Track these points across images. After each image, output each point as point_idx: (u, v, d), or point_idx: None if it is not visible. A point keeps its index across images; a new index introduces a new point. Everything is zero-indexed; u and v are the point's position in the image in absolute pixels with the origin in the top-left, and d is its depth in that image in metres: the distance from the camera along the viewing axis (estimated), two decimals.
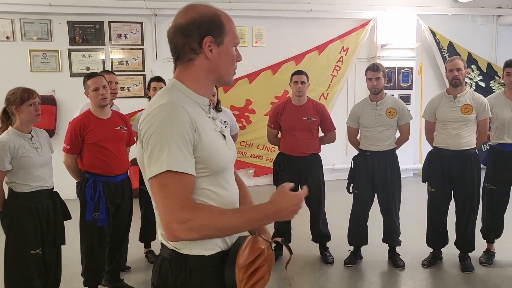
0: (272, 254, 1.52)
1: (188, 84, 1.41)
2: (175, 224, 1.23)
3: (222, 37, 1.39)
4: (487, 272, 3.84)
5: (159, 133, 1.26)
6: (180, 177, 1.26)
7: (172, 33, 1.40)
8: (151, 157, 1.27)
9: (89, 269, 3.34)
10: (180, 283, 1.39)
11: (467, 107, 3.69)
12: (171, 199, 1.24)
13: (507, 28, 7.90)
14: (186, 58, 1.40)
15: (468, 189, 3.77)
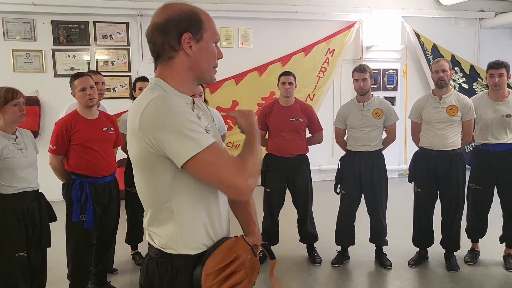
0: (252, 259, 1.48)
1: (170, 82, 1.40)
2: (243, 184, 1.28)
3: (200, 33, 1.40)
4: (472, 271, 3.90)
5: (170, 123, 1.26)
6: (213, 148, 1.28)
7: (151, 32, 1.40)
8: (176, 146, 1.26)
9: (75, 271, 3.28)
10: (166, 283, 1.39)
11: (452, 107, 3.74)
12: (223, 168, 1.28)
13: (489, 31, 8.05)
14: (166, 56, 1.40)
15: (454, 189, 3.82)
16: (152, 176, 1.35)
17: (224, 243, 1.42)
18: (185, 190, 1.36)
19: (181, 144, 1.26)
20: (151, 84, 1.41)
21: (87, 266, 3.33)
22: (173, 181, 1.34)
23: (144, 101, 1.32)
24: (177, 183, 1.34)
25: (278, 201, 4.09)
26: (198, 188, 1.37)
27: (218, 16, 6.65)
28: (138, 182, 1.42)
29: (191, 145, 1.26)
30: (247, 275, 1.45)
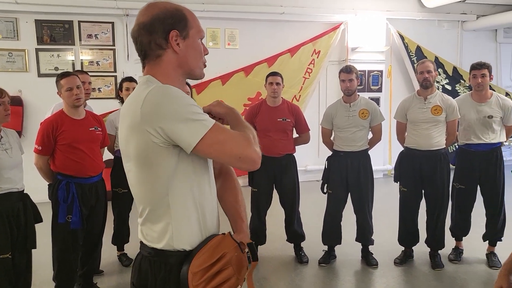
0: (239, 256, 1.48)
1: (160, 79, 1.41)
2: (254, 152, 1.36)
3: (187, 30, 1.42)
4: (456, 268, 3.96)
5: (173, 110, 1.29)
6: (217, 126, 1.33)
7: (137, 32, 1.41)
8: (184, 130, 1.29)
9: (61, 273, 3.24)
10: (160, 281, 1.40)
11: (437, 108, 3.80)
12: (232, 142, 1.34)
13: (471, 33, 8.19)
14: (154, 55, 1.41)
15: (438, 189, 3.88)
16: (153, 170, 1.36)
17: (211, 241, 1.43)
18: (183, 185, 1.38)
19: (189, 128, 1.29)
20: (143, 80, 1.41)
21: (73, 267, 3.28)
22: (173, 175, 1.36)
23: (141, 94, 1.32)
24: (176, 177, 1.36)
25: (265, 201, 4.10)
26: (196, 182, 1.40)
27: (204, 17, 6.64)
28: (136, 178, 1.41)
29: (198, 127, 1.30)
30: (235, 272, 1.45)
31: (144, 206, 1.43)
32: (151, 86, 1.34)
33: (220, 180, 1.60)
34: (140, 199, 1.44)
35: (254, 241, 4.18)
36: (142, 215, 1.45)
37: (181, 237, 1.40)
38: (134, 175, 1.42)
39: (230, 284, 1.44)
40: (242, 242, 1.51)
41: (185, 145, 1.31)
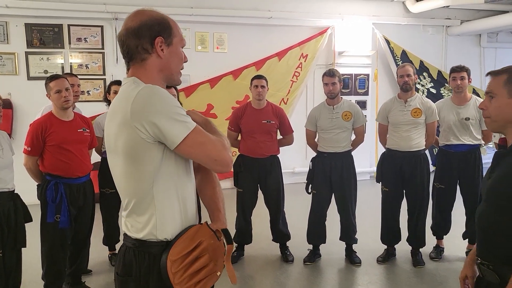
0: (216, 244, 1.60)
1: (144, 81, 1.51)
2: (227, 156, 1.51)
3: (171, 38, 1.54)
4: (437, 266, 4.08)
5: (161, 109, 1.41)
6: (198, 129, 1.47)
7: (124, 35, 1.52)
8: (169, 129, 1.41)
9: (50, 271, 3.31)
10: (144, 270, 1.49)
11: (417, 110, 3.93)
12: (210, 145, 1.48)
13: (455, 38, 8.37)
14: (139, 58, 1.52)
15: (418, 188, 4.00)
16: (140, 164, 1.46)
17: (189, 230, 1.54)
18: (166, 179, 1.49)
19: (174, 127, 1.41)
20: (130, 80, 1.51)
21: (62, 266, 3.35)
22: (158, 169, 1.46)
23: (132, 93, 1.43)
24: (161, 171, 1.47)
25: (250, 201, 4.19)
26: (178, 176, 1.52)
27: (193, 21, 6.76)
28: (123, 173, 1.51)
29: (182, 128, 1.42)
30: (212, 259, 1.57)
31: (130, 199, 1.52)
32: (140, 86, 1.45)
33: (199, 175, 1.71)
34: (126, 193, 1.53)
35: (240, 240, 4.29)
36: (127, 208, 1.55)
37: (163, 228, 1.50)
38: (120, 170, 1.51)
39: (207, 270, 1.55)
40: (218, 230, 1.62)
41: (169, 143, 1.43)
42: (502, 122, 1.68)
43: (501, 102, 1.65)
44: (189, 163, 1.59)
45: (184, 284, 1.48)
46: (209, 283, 1.58)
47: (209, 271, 1.56)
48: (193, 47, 6.94)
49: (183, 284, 1.48)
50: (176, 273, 1.46)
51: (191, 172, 1.62)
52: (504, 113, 1.65)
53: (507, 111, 1.65)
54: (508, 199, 1.59)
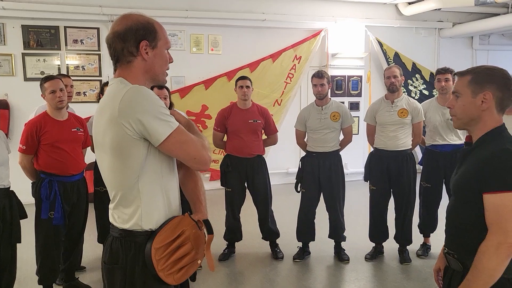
0: (197, 233, 1.71)
1: (130, 81, 1.61)
2: (206, 155, 1.62)
3: (156, 41, 1.63)
4: (423, 263, 4.17)
5: (147, 108, 1.51)
6: (180, 129, 1.58)
7: (111, 39, 1.62)
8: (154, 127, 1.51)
9: (43, 267, 3.39)
10: (130, 258, 1.59)
11: (403, 111, 4.03)
12: (190, 144, 1.58)
13: (447, 40, 8.48)
14: (125, 60, 1.62)
15: (405, 187, 4.10)
16: (126, 159, 1.55)
17: (172, 220, 1.64)
18: (151, 173, 1.59)
19: (158, 126, 1.51)
20: (117, 80, 1.61)
21: (55, 262, 3.44)
22: (143, 164, 1.56)
23: (120, 92, 1.53)
24: (146, 166, 1.57)
25: (239, 199, 4.28)
26: (162, 171, 1.62)
27: (188, 23, 6.85)
28: (110, 167, 1.60)
29: (166, 127, 1.53)
30: (194, 247, 1.68)
31: (116, 191, 1.62)
32: (128, 86, 1.55)
33: (182, 170, 1.81)
34: (113, 186, 1.63)
35: (230, 238, 4.39)
36: (114, 201, 1.65)
37: (148, 219, 1.60)
38: (108, 164, 1.61)
39: (189, 258, 1.67)
40: (199, 220, 1.73)
41: (154, 140, 1.53)
42: (466, 120, 1.77)
43: (465, 101, 1.75)
44: (172, 158, 1.69)
45: (167, 271, 1.59)
46: (190, 270, 1.69)
47: (191, 258, 1.67)
48: (188, 49, 7.04)
49: (166, 271, 1.58)
50: (160, 260, 1.57)
51: (174, 167, 1.72)
52: (468, 111, 1.75)
53: (470, 110, 1.74)
54: (470, 192, 1.68)
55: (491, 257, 1.59)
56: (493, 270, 1.59)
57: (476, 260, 1.63)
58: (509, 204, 1.58)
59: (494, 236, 1.60)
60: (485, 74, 1.73)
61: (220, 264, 4.18)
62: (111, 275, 1.63)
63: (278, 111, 7.33)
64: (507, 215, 1.58)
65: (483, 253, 1.61)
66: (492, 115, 1.73)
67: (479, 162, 1.67)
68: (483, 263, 1.60)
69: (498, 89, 1.70)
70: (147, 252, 1.56)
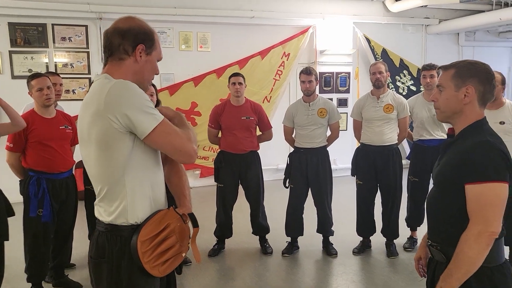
0: (182, 226, 1.76)
1: (116, 78, 1.63)
2: (191, 148, 1.64)
3: (151, 49, 1.70)
4: (410, 256, 4.23)
5: (133, 101, 1.55)
6: (165, 122, 1.60)
7: (111, 33, 1.66)
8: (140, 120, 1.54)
9: (32, 265, 3.40)
10: (116, 252, 1.62)
11: (389, 106, 4.09)
12: (176, 137, 1.61)
13: (434, 37, 8.58)
14: (118, 57, 1.66)
15: (391, 181, 4.16)
16: (111, 152, 1.58)
17: (157, 214, 1.68)
18: (137, 167, 1.62)
19: (144, 119, 1.55)
20: (102, 77, 1.64)
21: (44, 260, 3.44)
22: (129, 157, 1.59)
23: (105, 86, 1.57)
24: (131, 160, 1.60)
25: (231, 196, 4.31)
26: (148, 165, 1.65)
27: (177, 20, 6.86)
28: (96, 161, 1.62)
29: (151, 119, 1.56)
30: (178, 240, 1.72)
31: (102, 186, 1.64)
32: (113, 80, 1.59)
33: (167, 164, 1.85)
34: (99, 180, 1.65)
35: (220, 234, 4.42)
36: (99, 195, 1.67)
37: (134, 213, 1.63)
38: (94, 158, 1.63)
39: (174, 250, 1.70)
40: (184, 214, 1.77)
41: (139, 133, 1.57)
42: (449, 113, 1.82)
43: (449, 94, 1.79)
44: (157, 152, 1.72)
45: (152, 263, 1.62)
46: (175, 262, 1.73)
47: (176, 251, 1.71)
48: (177, 46, 7.05)
49: (151, 263, 1.62)
50: (145, 253, 1.60)
51: (160, 161, 1.75)
52: (451, 104, 1.79)
53: (453, 103, 1.78)
54: (451, 183, 1.74)
55: (472, 246, 1.64)
56: (474, 259, 1.64)
57: (458, 249, 1.67)
58: (489, 194, 1.64)
59: (475, 225, 1.65)
60: (468, 68, 1.77)
61: (210, 260, 4.21)
62: (97, 269, 1.66)
63: (268, 108, 7.34)
64: (487, 205, 1.64)
65: (464, 242, 1.66)
66: (474, 108, 1.77)
67: (460, 153, 1.72)
68: (465, 251, 1.65)
69: (480, 83, 1.75)
70: (133, 245, 1.59)
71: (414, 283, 3.68)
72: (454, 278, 1.66)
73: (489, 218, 1.63)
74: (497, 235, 1.66)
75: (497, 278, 1.70)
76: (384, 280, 3.81)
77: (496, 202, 1.64)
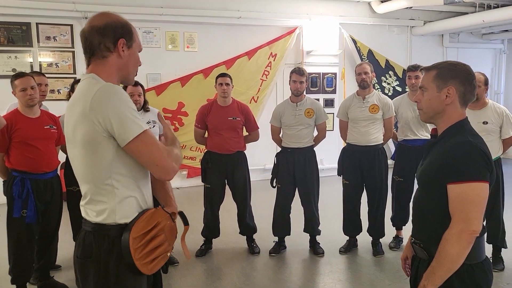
0: (171, 225, 1.76)
1: (103, 77, 1.63)
2: (170, 165, 1.60)
3: (131, 41, 1.68)
4: (395, 255, 4.28)
5: (118, 107, 1.53)
6: (148, 133, 1.58)
7: (88, 32, 1.64)
8: (122, 127, 1.52)
9: (16, 266, 3.36)
10: (104, 251, 1.60)
11: (374, 107, 4.13)
12: (156, 150, 1.58)
13: (419, 38, 8.69)
14: (101, 55, 1.64)
15: (377, 181, 4.20)
16: (97, 154, 1.57)
17: (146, 212, 1.67)
18: (124, 168, 1.61)
19: (127, 126, 1.52)
20: (90, 76, 1.63)
21: (29, 261, 3.40)
22: (114, 159, 1.58)
23: (93, 88, 1.55)
24: (117, 161, 1.59)
25: (218, 197, 4.31)
26: (134, 167, 1.63)
27: (163, 20, 6.83)
28: (82, 162, 1.61)
29: (135, 128, 1.53)
30: (167, 238, 1.73)
31: (90, 186, 1.63)
32: (101, 83, 1.57)
33: None
34: (86, 180, 1.64)
35: (208, 235, 4.41)
36: (86, 196, 1.66)
37: (122, 213, 1.62)
38: (80, 158, 1.62)
39: (161, 249, 1.70)
40: (173, 212, 1.78)
41: (120, 140, 1.55)
42: (432, 114, 1.85)
43: (431, 95, 1.82)
44: None
45: (142, 260, 1.62)
46: (161, 261, 1.72)
47: (163, 250, 1.71)
48: (163, 46, 7.02)
49: (142, 260, 1.62)
50: (137, 249, 1.60)
51: None
52: (433, 105, 1.83)
53: (435, 104, 1.82)
54: (434, 182, 1.77)
55: (453, 244, 1.67)
56: (456, 257, 1.67)
57: (440, 247, 1.71)
58: (470, 194, 1.67)
59: (456, 224, 1.68)
60: (449, 69, 1.81)
61: (197, 260, 4.21)
62: (84, 269, 1.64)
63: (255, 108, 7.35)
64: (468, 204, 1.67)
65: (446, 240, 1.69)
66: (456, 109, 1.80)
67: (443, 153, 1.75)
68: (447, 249, 1.68)
69: (461, 83, 1.78)
70: (124, 242, 1.58)
71: (399, 281, 3.72)
72: (437, 275, 1.70)
73: (470, 217, 1.67)
74: (478, 234, 1.69)
75: (478, 275, 1.74)
76: (370, 278, 3.84)
77: (477, 201, 1.68)
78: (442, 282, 1.70)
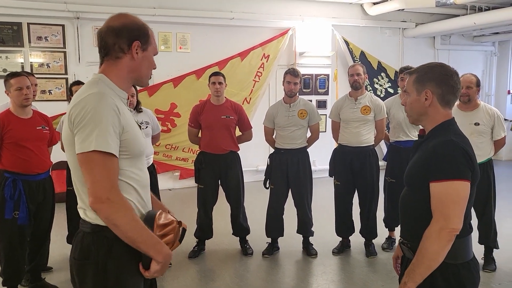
0: (178, 230, 1.76)
1: (112, 78, 1.64)
2: (104, 198, 1.48)
3: (147, 44, 1.68)
4: (388, 256, 4.29)
5: (92, 115, 1.50)
6: (106, 157, 1.49)
7: (105, 32, 1.64)
8: (82, 135, 1.49)
9: (8, 268, 3.33)
10: (103, 253, 1.59)
11: (366, 108, 4.15)
12: (102, 176, 1.49)
13: (411, 40, 8.75)
14: (114, 56, 1.65)
15: (368, 181, 4.22)
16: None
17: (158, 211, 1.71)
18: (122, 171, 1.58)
19: (88, 136, 1.47)
20: (95, 78, 1.64)
21: (20, 263, 3.37)
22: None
23: (85, 93, 1.56)
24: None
25: (212, 197, 4.30)
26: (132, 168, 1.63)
27: (156, 21, 6.80)
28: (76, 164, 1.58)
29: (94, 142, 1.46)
30: (175, 240, 1.74)
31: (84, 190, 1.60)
32: (94, 90, 1.56)
33: None
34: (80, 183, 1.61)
35: (201, 235, 4.39)
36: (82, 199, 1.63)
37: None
38: (73, 161, 1.59)
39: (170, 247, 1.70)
40: (181, 221, 1.79)
41: (76, 148, 1.52)
42: (416, 116, 1.90)
43: (412, 99, 1.88)
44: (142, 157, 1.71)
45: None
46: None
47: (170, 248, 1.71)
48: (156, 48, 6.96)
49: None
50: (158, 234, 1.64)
51: (144, 165, 1.74)
52: (415, 108, 1.88)
53: (417, 107, 1.87)
54: (419, 181, 1.78)
55: (433, 242, 1.69)
56: (436, 254, 1.70)
57: (421, 245, 1.73)
58: (450, 192, 1.69)
59: (436, 222, 1.71)
60: (425, 72, 1.85)
61: (190, 261, 4.20)
62: (82, 271, 1.62)
63: (247, 109, 7.32)
64: (448, 202, 1.69)
65: (426, 238, 1.71)
66: (438, 110, 1.84)
67: (426, 152, 1.79)
68: (426, 247, 1.70)
69: (437, 86, 1.82)
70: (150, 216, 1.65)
71: (392, 282, 3.74)
72: (417, 272, 1.72)
73: (450, 215, 1.69)
74: (458, 232, 1.71)
75: (463, 275, 1.76)
76: (363, 279, 3.86)
77: (457, 199, 1.70)
78: (422, 279, 1.72)
